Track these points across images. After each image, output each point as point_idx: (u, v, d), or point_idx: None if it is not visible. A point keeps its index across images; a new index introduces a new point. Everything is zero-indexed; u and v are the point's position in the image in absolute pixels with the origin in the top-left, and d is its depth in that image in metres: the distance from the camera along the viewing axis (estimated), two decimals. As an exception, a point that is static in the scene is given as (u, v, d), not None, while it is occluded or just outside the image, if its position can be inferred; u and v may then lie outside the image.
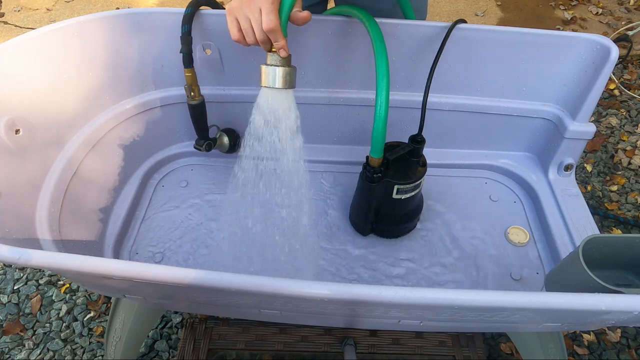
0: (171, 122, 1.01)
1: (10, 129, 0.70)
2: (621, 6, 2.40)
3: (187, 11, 0.80)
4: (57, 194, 0.78)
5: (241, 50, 0.89)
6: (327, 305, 0.59)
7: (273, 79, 0.68)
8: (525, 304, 0.46)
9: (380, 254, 0.91)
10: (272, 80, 0.68)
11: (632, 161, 1.58)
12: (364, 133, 1.03)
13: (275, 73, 0.68)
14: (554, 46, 0.85)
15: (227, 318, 1.03)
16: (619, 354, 1.11)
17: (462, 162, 1.05)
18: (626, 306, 0.46)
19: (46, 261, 0.50)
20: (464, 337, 1.00)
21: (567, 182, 0.97)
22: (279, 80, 0.68)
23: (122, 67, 0.89)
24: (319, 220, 0.96)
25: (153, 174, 1.04)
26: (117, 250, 0.89)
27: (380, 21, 0.77)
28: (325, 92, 0.96)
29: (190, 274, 0.48)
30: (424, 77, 0.79)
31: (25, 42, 0.74)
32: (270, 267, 0.88)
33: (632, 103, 1.83)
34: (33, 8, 2.39)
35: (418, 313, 0.61)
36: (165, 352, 1.11)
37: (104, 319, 1.18)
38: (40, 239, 0.73)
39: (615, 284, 0.56)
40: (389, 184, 0.81)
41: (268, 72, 0.68)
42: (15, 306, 1.21)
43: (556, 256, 0.86)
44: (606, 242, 0.63)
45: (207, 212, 0.97)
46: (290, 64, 0.70)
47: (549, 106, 0.94)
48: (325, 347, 0.99)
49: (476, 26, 0.83)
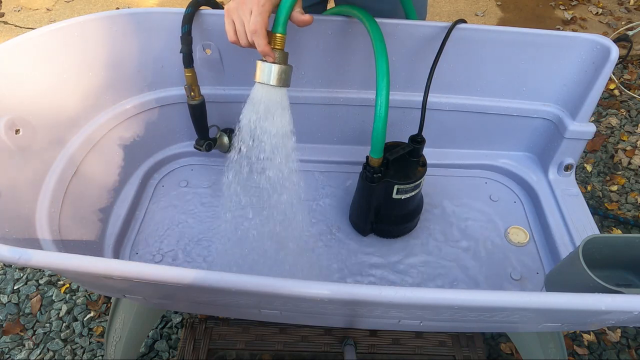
0: (171, 122, 1.01)
1: (10, 129, 0.70)
2: (621, 6, 2.40)
3: (187, 11, 0.80)
4: (57, 194, 0.78)
5: (241, 50, 0.89)
6: (327, 305, 0.59)
7: (268, 76, 0.67)
8: (525, 304, 0.46)
9: (380, 253, 0.91)
10: (266, 77, 0.67)
11: (632, 161, 1.58)
12: (364, 133, 1.03)
13: (270, 70, 0.67)
14: (554, 46, 0.85)
15: (227, 318, 1.03)
16: (619, 354, 1.11)
17: (462, 162, 1.05)
18: (626, 306, 0.46)
19: (46, 261, 0.50)
20: (464, 337, 1.00)
21: (567, 182, 0.97)
22: (274, 78, 0.67)
23: (122, 67, 0.89)
24: (319, 221, 0.96)
25: (153, 174, 1.04)
26: (117, 250, 0.89)
27: (380, 21, 0.77)
28: (325, 92, 0.96)
29: (190, 274, 0.48)
30: (424, 77, 0.79)
31: (25, 42, 0.74)
32: (270, 267, 0.88)
33: (632, 103, 1.83)
34: (33, 8, 2.39)
35: (418, 313, 0.61)
36: (165, 352, 1.11)
37: (104, 319, 1.18)
38: (40, 239, 0.73)
39: (615, 284, 0.56)
40: (389, 184, 0.81)
41: (263, 68, 0.67)
42: (15, 306, 1.21)
43: (556, 256, 0.86)
44: (606, 242, 0.63)
45: (207, 212, 0.97)
46: (286, 62, 0.69)
47: (549, 106, 0.94)
48: (325, 347, 0.99)
49: (476, 26, 0.83)
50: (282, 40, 0.67)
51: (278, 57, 0.67)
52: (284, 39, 0.67)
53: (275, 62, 0.67)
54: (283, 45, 0.68)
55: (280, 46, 0.67)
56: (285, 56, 0.68)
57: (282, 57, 0.68)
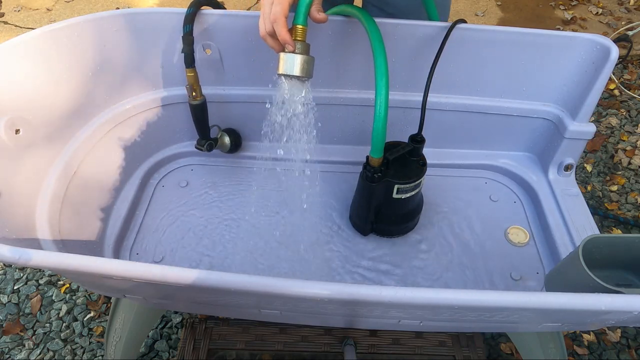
0: (171, 122, 1.01)
1: (10, 129, 0.70)
2: (621, 6, 2.40)
3: (189, 11, 0.80)
4: (57, 194, 0.78)
5: (241, 50, 0.89)
6: (327, 305, 0.59)
7: (291, 66, 0.67)
8: (525, 304, 0.46)
9: (380, 253, 0.91)
10: (289, 67, 0.67)
11: (632, 161, 1.58)
12: (364, 133, 1.03)
13: (293, 60, 0.66)
14: (554, 46, 0.85)
15: (227, 318, 1.03)
16: (619, 354, 1.11)
17: (462, 162, 1.05)
18: (626, 306, 0.46)
19: (46, 261, 0.50)
20: (464, 337, 1.00)
21: (567, 182, 0.97)
22: (297, 68, 0.67)
23: (123, 67, 0.89)
24: (319, 221, 0.96)
25: (153, 174, 1.04)
26: (117, 250, 0.89)
27: (379, 21, 0.77)
28: (325, 92, 0.96)
29: (190, 274, 0.48)
30: (424, 77, 0.79)
31: (25, 42, 0.74)
32: (270, 267, 0.88)
33: (632, 103, 1.83)
34: (33, 8, 2.39)
35: (418, 313, 0.61)
36: (165, 352, 1.11)
37: (104, 319, 1.18)
38: (40, 239, 0.73)
39: (615, 284, 0.56)
40: (389, 183, 0.81)
41: (286, 58, 0.67)
42: (15, 306, 1.21)
43: (556, 256, 0.86)
44: (606, 242, 0.63)
45: (207, 212, 0.97)
46: (309, 53, 0.68)
47: (549, 106, 0.94)
48: (325, 347, 0.99)
49: (476, 26, 0.84)
50: (304, 32, 0.67)
51: (300, 48, 0.67)
52: (305, 31, 0.67)
53: (297, 52, 0.67)
54: (304, 37, 0.68)
55: (301, 37, 0.67)
56: (307, 47, 0.68)
57: (304, 47, 0.67)
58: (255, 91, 0.96)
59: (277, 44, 0.68)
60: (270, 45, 0.69)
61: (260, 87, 0.96)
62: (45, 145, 0.78)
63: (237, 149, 1.04)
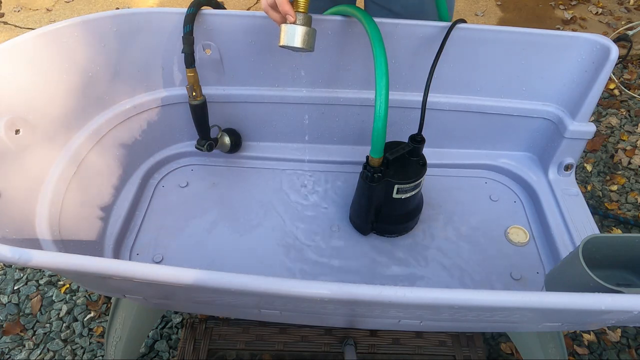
0: (171, 122, 1.01)
1: (10, 129, 0.70)
2: (621, 6, 2.40)
3: (190, 11, 0.80)
4: (57, 194, 0.78)
5: (241, 50, 0.89)
6: (327, 305, 0.59)
7: (292, 37, 0.66)
8: (525, 304, 0.46)
9: (380, 253, 0.91)
10: (290, 38, 0.66)
11: (632, 161, 1.58)
12: (364, 133, 1.03)
13: (294, 31, 0.66)
14: (554, 46, 0.85)
15: (227, 318, 1.03)
16: (619, 354, 1.11)
17: (462, 162, 1.05)
18: (626, 306, 0.46)
19: (46, 261, 0.50)
20: (464, 337, 1.00)
21: (567, 182, 0.97)
22: (298, 39, 0.66)
23: (123, 67, 0.89)
24: (319, 220, 0.96)
25: (153, 174, 1.04)
26: (117, 250, 0.89)
27: (379, 21, 0.77)
28: (325, 92, 0.96)
29: (190, 274, 0.48)
30: (424, 77, 0.79)
31: (25, 42, 0.74)
32: (271, 267, 0.88)
33: (632, 103, 1.83)
34: (33, 8, 2.39)
35: (418, 313, 0.61)
36: (165, 352, 1.11)
37: (104, 319, 1.18)
38: (40, 239, 0.73)
39: (615, 284, 0.56)
40: (389, 183, 0.81)
41: (287, 30, 0.66)
42: (16, 306, 1.21)
43: (556, 256, 0.86)
44: (606, 242, 0.63)
45: (207, 212, 0.97)
46: (310, 25, 0.68)
47: (549, 106, 0.94)
48: (325, 347, 0.99)
49: (476, 26, 0.84)
50: (306, 3, 0.67)
51: (301, 19, 0.66)
52: (307, 2, 0.67)
53: (298, 23, 0.66)
54: (306, 8, 0.67)
55: (303, 9, 0.67)
56: (309, 19, 0.67)
57: (306, 19, 0.67)
58: (255, 91, 0.96)
59: (279, 15, 0.67)
60: (272, 17, 0.68)
61: (260, 87, 0.96)
62: (45, 145, 0.78)
63: (237, 149, 1.04)
